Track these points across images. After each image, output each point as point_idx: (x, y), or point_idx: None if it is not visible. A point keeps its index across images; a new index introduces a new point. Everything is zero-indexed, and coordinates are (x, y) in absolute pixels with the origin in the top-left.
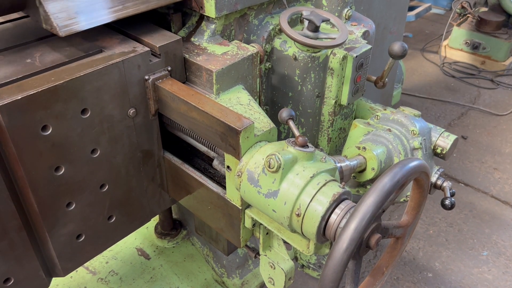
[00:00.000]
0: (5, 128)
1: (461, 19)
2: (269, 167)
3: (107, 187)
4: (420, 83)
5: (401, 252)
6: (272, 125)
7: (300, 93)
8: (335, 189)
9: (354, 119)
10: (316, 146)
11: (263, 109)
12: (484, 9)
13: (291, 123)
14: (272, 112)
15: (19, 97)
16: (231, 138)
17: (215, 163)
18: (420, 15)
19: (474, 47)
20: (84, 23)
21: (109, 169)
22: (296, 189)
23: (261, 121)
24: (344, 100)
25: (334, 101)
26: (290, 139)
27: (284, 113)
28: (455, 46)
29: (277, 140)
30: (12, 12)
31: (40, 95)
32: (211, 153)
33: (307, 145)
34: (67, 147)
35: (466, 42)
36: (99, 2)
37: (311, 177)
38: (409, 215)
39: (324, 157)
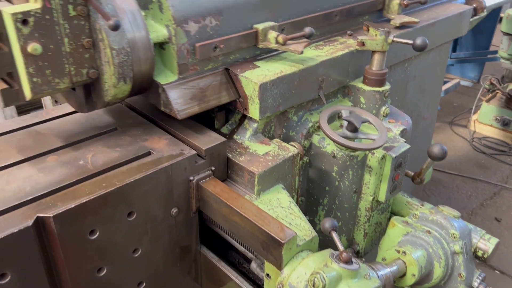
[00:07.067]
0: (56, 235)
1: (490, 95)
2: (313, 286)
3: (144, 284)
4: (450, 158)
5: None
6: (314, 233)
7: (337, 188)
8: None
9: (390, 213)
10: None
11: (298, 200)
12: None
13: (334, 234)
14: (307, 203)
15: (73, 206)
16: (273, 249)
17: (253, 265)
18: (449, 91)
19: (505, 124)
20: (197, 108)
21: (148, 266)
22: None
23: (302, 228)
24: (382, 197)
25: (371, 197)
26: (334, 252)
27: (327, 224)
28: (484, 122)
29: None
30: (136, 95)
31: (92, 202)
32: (249, 254)
33: (351, 261)
34: (111, 249)
35: (496, 119)
36: None
37: None
38: None
39: (368, 273)
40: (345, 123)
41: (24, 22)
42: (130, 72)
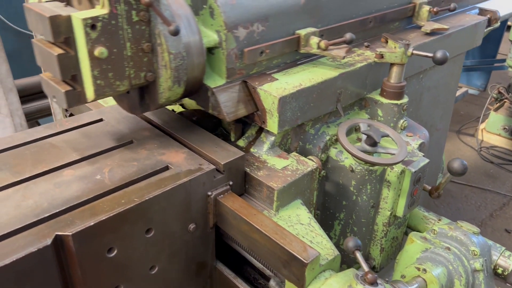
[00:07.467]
0: (74, 254)
1: (498, 104)
2: None
3: None
4: None
5: None
6: (336, 252)
7: (354, 203)
8: None
9: (407, 227)
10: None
11: (315, 214)
12: None
13: (358, 254)
14: (322, 217)
15: (92, 223)
16: (296, 268)
17: (272, 284)
18: (457, 100)
19: None
20: (244, 111)
21: (164, 283)
22: None
23: (324, 246)
24: (400, 212)
25: (389, 212)
26: (358, 273)
27: (350, 243)
28: (492, 131)
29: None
30: (185, 97)
31: (111, 219)
32: (267, 271)
33: (376, 283)
34: (128, 266)
35: (504, 128)
36: None
37: None
38: None
39: None
40: (363, 137)
41: (93, 27)
42: (185, 75)
